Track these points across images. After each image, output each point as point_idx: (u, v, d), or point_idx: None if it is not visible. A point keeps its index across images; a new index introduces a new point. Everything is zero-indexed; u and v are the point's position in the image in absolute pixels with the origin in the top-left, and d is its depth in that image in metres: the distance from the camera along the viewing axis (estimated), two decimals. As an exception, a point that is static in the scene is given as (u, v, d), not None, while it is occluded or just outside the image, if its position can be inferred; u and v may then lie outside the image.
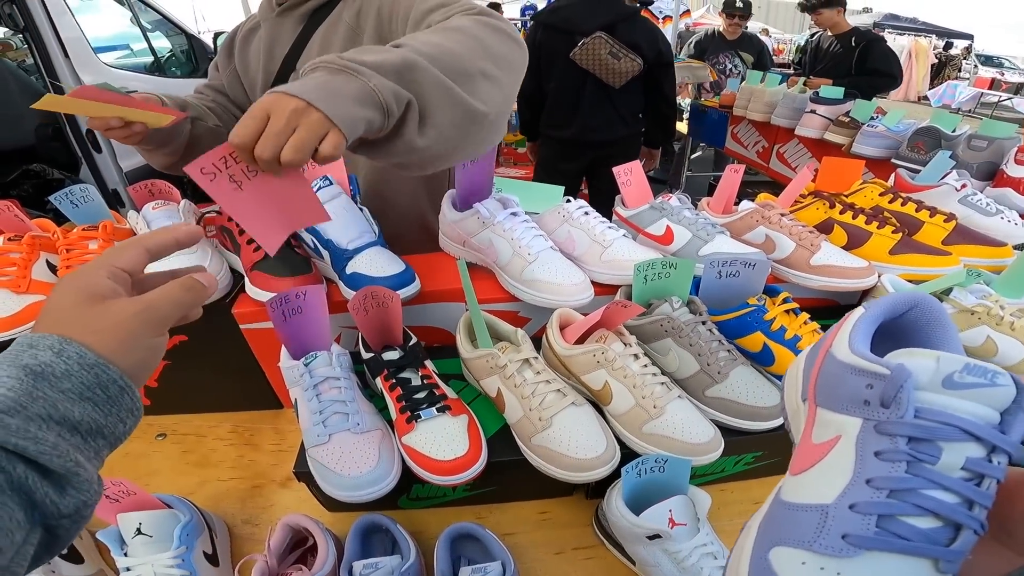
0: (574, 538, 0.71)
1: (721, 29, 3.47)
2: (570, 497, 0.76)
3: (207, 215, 0.85)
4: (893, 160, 1.60)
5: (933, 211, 0.92)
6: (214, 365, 0.82)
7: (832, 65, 2.73)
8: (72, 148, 2.70)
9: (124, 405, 0.33)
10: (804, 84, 2.38)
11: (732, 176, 0.92)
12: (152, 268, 0.40)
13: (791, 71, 3.69)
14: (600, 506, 0.69)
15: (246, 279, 0.75)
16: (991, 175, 1.27)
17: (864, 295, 0.85)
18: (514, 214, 0.80)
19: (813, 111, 2.06)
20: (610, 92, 1.98)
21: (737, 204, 0.95)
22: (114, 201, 2.82)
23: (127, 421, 0.33)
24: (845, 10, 2.70)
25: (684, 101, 4.01)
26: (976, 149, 1.31)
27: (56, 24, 2.75)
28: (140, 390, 0.35)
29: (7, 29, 2.65)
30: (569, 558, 0.69)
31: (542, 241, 0.77)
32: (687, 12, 8.40)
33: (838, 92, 2.04)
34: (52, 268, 0.75)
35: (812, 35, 3.34)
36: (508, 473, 0.67)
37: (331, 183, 0.80)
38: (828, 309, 0.89)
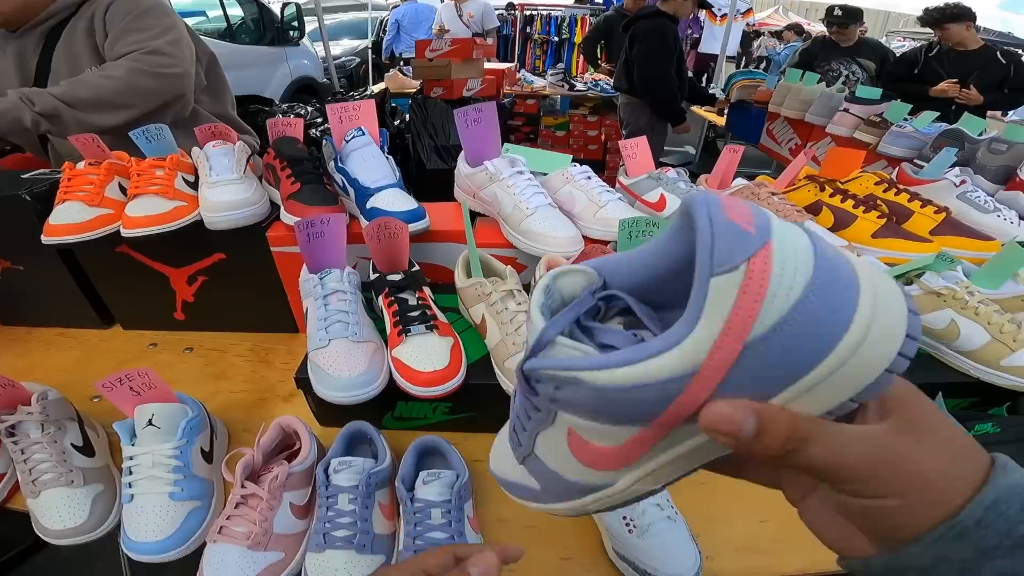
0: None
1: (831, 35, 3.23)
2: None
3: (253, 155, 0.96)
4: (915, 160, 1.60)
5: (926, 203, 0.96)
6: (244, 286, 0.93)
7: (975, 80, 2.58)
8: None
9: None
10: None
11: (730, 155, 0.98)
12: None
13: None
14: None
15: (281, 208, 0.86)
16: (1008, 179, 1.28)
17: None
18: (519, 172, 0.88)
19: (847, 110, 2.05)
20: None
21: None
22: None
23: None
24: (974, 25, 2.55)
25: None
26: (995, 152, 1.31)
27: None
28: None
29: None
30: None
31: (541, 198, 0.85)
32: (749, 11, 8.04)
33: (875, 93, 2.02)
34: (123, 189, 0.87)
35: (929, 46, 2.79)
36: (484, 399, 0.72)
37: (363, 133, 0.90)
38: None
